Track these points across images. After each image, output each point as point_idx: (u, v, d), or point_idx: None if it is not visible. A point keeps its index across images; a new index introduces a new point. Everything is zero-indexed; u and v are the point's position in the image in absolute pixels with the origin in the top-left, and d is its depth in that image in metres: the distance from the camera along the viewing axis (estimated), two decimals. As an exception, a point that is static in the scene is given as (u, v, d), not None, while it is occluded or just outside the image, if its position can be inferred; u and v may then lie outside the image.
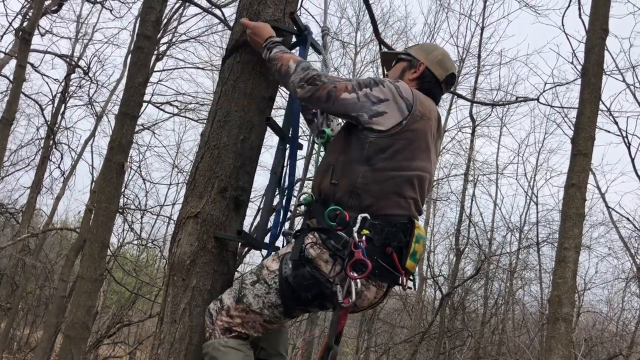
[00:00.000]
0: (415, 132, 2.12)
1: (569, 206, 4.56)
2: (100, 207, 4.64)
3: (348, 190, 2.07)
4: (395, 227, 2.06)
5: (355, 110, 2.08)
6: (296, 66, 2.15)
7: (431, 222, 15.34)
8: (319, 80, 2.09)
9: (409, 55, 2.40)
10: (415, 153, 2.13)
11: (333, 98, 2.07)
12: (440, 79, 2.36)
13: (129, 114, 4.82)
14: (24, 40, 6.57)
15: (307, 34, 2.54)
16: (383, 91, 2.09)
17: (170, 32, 12.89)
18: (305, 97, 2.12)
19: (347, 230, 2.00)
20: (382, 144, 2.07)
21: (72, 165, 12.22)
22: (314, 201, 2.20)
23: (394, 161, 2.08)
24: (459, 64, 14.52)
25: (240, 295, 2.11)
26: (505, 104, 13.59)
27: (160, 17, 5.52)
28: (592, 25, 4.96)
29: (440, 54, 2.38)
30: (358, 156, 2.09)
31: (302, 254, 2.04)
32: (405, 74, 2.36)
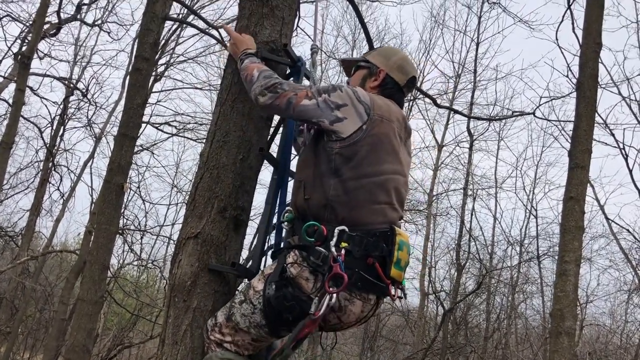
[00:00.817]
0: (378, 136, 2.11)
1: (568, 219, 4.56)
2: (100, 229, 4.64)
3: (322, 204, 2.06)
4: (375, 236, 2.03)
5: (316, 117, 2.09)
6: (259, 74, 2.17)
7: (431, 238, 15.32)
8: (279, 88, 2.11)
9: (367, 62, 2.39)
10: (382, 157, 2.11)
11: (293, 105, 2.09)
12: (402, 84, 2.36)
13: (128, 135, 4.84)
14: (23, 64, 6.63)
15: (300, 65, 2.57)
16: (341, 96, 2.10)
17: (168, 53, 13.01)
18: (265, 105, 2.13)
19: (325, 244, 1.98)
20: (347, 153, 2.07)
21: (71, 187, 12.24)
22: (295, 218, 2.20)
23: (361, 168, 2.07)
24: (454, 79, 14.63)
25: (229, 314, 2.12)
26: (502, 119, 13.66)
27: (158, 38, 5.57)
28: (585, 40, 5.00)
29: (399, 59, 2.37)
30: (326, 169, 2.09)
31: (284, 274, 2.02)
32: (366, 82, 2.36)
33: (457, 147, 15.13)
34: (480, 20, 14.40)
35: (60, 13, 9.36)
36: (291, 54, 2.55)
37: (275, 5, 2.56)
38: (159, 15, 5.23)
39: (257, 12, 2.54)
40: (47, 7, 7.47)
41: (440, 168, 14.99)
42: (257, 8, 2.55)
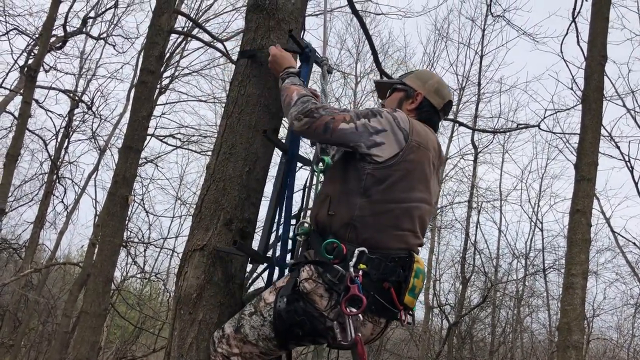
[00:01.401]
0: (413, 162, 2.10)
1: (574, 232, 4.53)
2: (104, 241, 4.64)
3: (345, 222, 2.05)
4: (394, 261, 2.03)
5: (354, 141, 2.07)
6: (297, 99, 2.14)
7: (436, 250, 15.25)
8: (316, 113, 2.08)
9: (404, 84, 2.38)
10: (413, 184, 2.11)
11: (331, 130, 2.06)
12: (438, 108, 2.35)
13: (132, 148, 4.85)
14: (29, 77, 6.67)
15: (309, 51, 2.56)
16: (381, 122, 2.09)
17: (173, 66, 13.06)
18: (302, 130, 2.10)
19: (343, 263, 1.97)
20: (380, 175, 2.06)
21: (75, 199, 12.23)
22: (312, 231, 2.18)
23: (391, 193, 2.06)
24: (459, 92, 14.65)
25: (238, 325, 2.10)
26: (507, 131, 13.64)
27: (163, 51, 5.61)
28: (590, 52, 5.01)
29: (436, 82, 2.37)
30: (355, 188, 2.07)
31: (297, 288, 2.01)
32: (403, 105, 2.34)
33: (461, 159, 15.11)
34: (484, 33, 14.42)
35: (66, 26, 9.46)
36: (299, 42, 2.54)
37: (281, 19, 2.57)
38: (165, 29, 5.26)
39: (263, 25, 2.55)
40: (53, 21, 7.53)
41: (444, 180, 14.96)
42: (264, 21, 2.56)
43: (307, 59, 2.57)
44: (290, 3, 2.61)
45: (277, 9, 2.57)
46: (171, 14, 5.50)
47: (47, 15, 7.47)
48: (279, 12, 2.57)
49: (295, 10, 2.64)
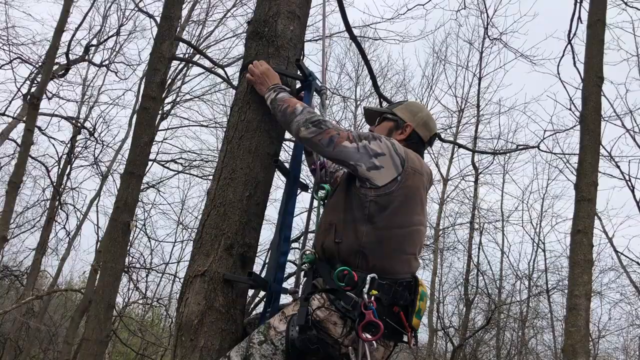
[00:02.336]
0: (411, 188, 2.17)
1: (576, 253, 4.52)
2: (106, 267, 4.64)
3: (353, 249, 2.09)
4: (402, 285, 2.09)
5: (354, 160, 2.12)
6: (303, 109, 2.22)
7: (439, 272, 15.18)
8: (323, 125, 2.15)
9: (394, 115, 2.46)
10: (412, 208, 2.18)
11: (334, 144, 2.12)
12: (425, 140, 2.44)
13: (134, 173, 4.88)
14: (32, 105, 6.74)
15: (312, 79, 2.62)
16: (380, 146, 2.15)
17: (175, 92, 13.19)
18: (307, 138, 2.16)
19: (356, 290, 2.01)
20: (382, 202, 2.11)
21: (77, 225, 12.25)
22: (318, 259, 2.20)
23: (394, 218, 2.12)
24: (458, 113, 14.74)
25: (247, 354, 2.09)
26: (506, 152, 13.69)
27: (165, 78, 5.67)
28: (587, 74, 5.06)
29: (425, 116, 2.46)
30: (360, 215, 2.12)
31: (309, 316, 2.02)
32: (393, 134, 2.42)
33: (462, 180, 15.14)
34: (481, 56, 14.57)
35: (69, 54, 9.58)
36: (304, 69, 2.59)
37: (280, 45, 2.61)
38: (166, 56, 5.33)
39: (263, 52, 2.59)
40: (56, 49, 7.62)
41: (446, 202, 14.97)
42: (263, 48, 2.60)
43: (309, 87, 2.62)
44: (289, 30, 2.66)
45: (276, 36, 2.61)
46: (172, 41, 5.58)
47: (50, 43, 7.57)
48: (278, 39, 2.61)
49: (294, 37, 2.68)
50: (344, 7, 3.08)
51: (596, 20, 5.13)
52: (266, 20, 2.63)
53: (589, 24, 5.22)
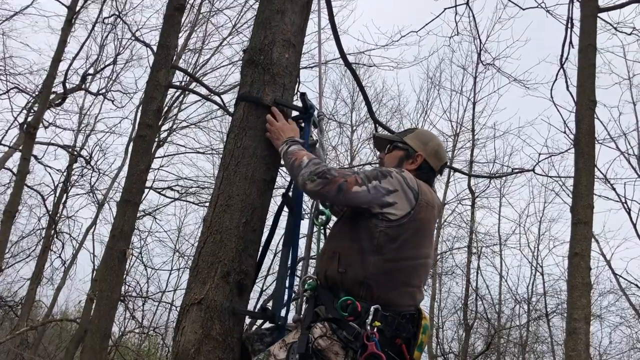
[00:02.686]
0: (422, 220, 2.16)
1: (574, 276, 4.51)
2: (102, 296, 4.60)
3: (358, 280, 2.07)
4: (405, 318, 2.08)
5: (367, 203, 2.11)
6: (308, 161, 2.19)
7: (437, 298, 15.08)
8: (329, 174, 2.12)
9: (405, 144, 2.43)
10: (422, 241, 2.17)
11: (344, 192, 2.10)
12: (436, 169, 2.42)
13: (130, 201, 4.87)
14: (28, 134, 6.76)
15: (312, 111, 2.64)
16: (392, 182, 2.14)
17: (171, 119, 13.24)
18: (314, 191, 2.14)
19: (359, 321, 2.00)
20: (393, 233, 2.10)
21: (73, 254, 12.18)
22: (320, 287, 2.19)
23: (403, 251, 2.11)
24: (453, 138, 14.82)
25: None
26: (502, 176, 13.74)
27: (161, 105, 5.70)
28: (580, 97, 5.11)
29: (436, 145, 2.44)
30: (368, 245, 2.10)
31: (310, 345, 2.00)
32: (404, 164, 2.39)
33: (459, 204, 15.13)
34: (475, 81, 14.72)
35: (66, 83, 9.64)
36: (306, 102, 2.62)
37: (276, 73, 2.63)
38: (162, 84, 5.37)
39: (258, 80, 2.61)
40: (53, 79, 7.68)
41: (443, 226, 14.94)
42: (259, 76, 2.62)
43: (309, 119, 2.64)
44: (284, 58, 2.68)
45: (272, 64, 2.64)
46: (169, 69, 5.63)
47: (47, 73, 7.63)
48: (274, 67, 2.64)
49: (289, 64, 2.71)
50: (339, 35, 3.11)
51: (587, 45, 5.21)
52: (262, 49, 2.66)
53: (580, 48, 5.30)
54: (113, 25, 11.84)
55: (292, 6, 2.78)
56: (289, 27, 2.74)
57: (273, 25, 2.71)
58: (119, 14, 9.81)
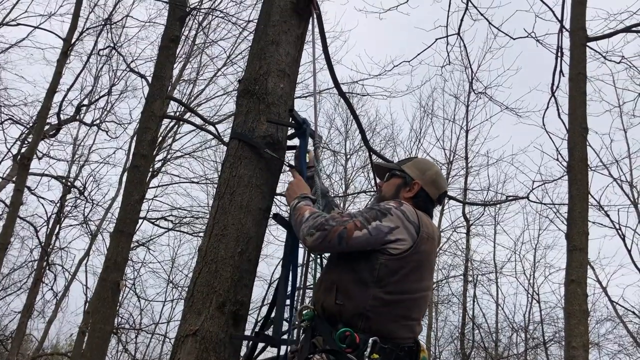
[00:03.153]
0: (423, 253, 2.15)
1: (571, 303, 4.49)
2: (95, 329, 4.53)
3: (357, 312, 2.05)
4: (404, 350, 2.06)
5: (370, 245, 2.09)
6: (309, 216, 2.17)
7: (434, 327, 14.94)
8: (327, 225, 2.10)
9: (403, 172, 2.43)
10: (422, 273, 2.16)
11: (345, 239, 2.07)
12: (434, 198, 2.41)
13: (124, 232, 4.85)
14: (22, 165, 6.74)
15: (306, 127, 2.66)
16: (392, 219, 2.12)
17: (165, 149, 13.25)
18: (315, 245, 2.11)
19: (357, 353, 1.97)
20: (394, 266, 2.08)
21: (65, 286, 12.04)
22: (317, 317, 2.16)
23: (404, 284, 2.10)
24: (447, 166, 14.89)
25: None
26: (496, 203, 13.75)
27: (156, 136, 5.72)
28: (571, 125, 5.17)
29: (434, 174, 2.43)
30: (368, 277, 2.08)
31: None
32: (401, 192, 2.39)
33: (454, 232, 15.10)
34: (468, 109, 14.85)
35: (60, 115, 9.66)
36: (297, 118, 2.64)
37: (271, 102, 2.65)
38: (157, 114, 5.40)
39: (254, 109, 2.63)
40: (48, 110, 7.70)
41: (439, 254, 14.89)
42: (254, 105, 2.64)
43: (304, 134, 2.67)
44: (279, 88, 2.71)
45: (267, 94, 2.66)
46: (164, 99, 5.66)
47: (42, 104, 7.65)
48: (269, 97, 2.66)
49: (284, 94, 2.73)
50: (332, 65, 3.15)
51: (577, 74, 5.29)
52: (257, 79, 2.69)
53: (571, 77, 5.38)
54: (108, 57, 11.94)
55: (287, 37, 2.82)
56: (283, 57, 2.77)
57: (268, 55, 2.74)
58: (114, 45, 9.88)
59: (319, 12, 2.97)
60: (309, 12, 2.95)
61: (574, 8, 5.66)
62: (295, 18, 2.88)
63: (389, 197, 2.35)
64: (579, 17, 5.58)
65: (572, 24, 5.63)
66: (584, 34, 5.52)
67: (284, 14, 2.85)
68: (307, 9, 2.92)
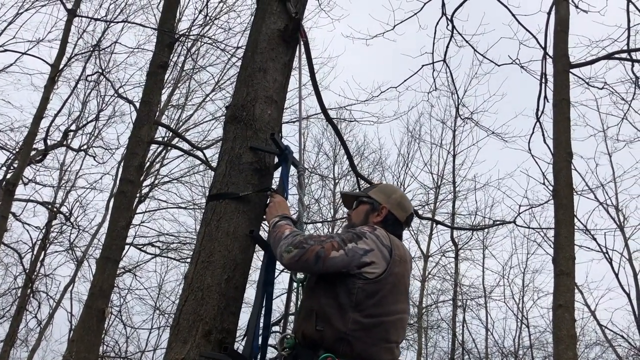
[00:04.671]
0: (397, 275, 2.19)
1: (559, 328, 4.49)
2: (79, 357, 4.45)
3: (338, 337, 2.06)
4: None
5: (345, 266, 2.11)
6: (289, 234, 2.20)
7: (424, 353, 14.81)
8: (305, 244, 2.12)
9: (370, 198, 2.49)
10: (398, 296, 2.19)
11: (322, 258, 2.09)
12: (402, 220, 2.46)
13: (110, 258, 4.79)
14: (7, 191, 6.67)
15: (288, 153, 2.67)
16: (367, 242, 2.16)
17: (153, 175, 13.20)
18: (292, 262, 2.12)
19: None
20: (370, 290, 2.11)
21: (49, 314, 11.83)
22: (298, 344, 2.17)
23: (381, 307, 2.12)
24: (435, 190, 14.95)
25: None
26: (484, 228, 13.80)
27: (143, 161, 5.70)
28: (557, 149, 5.23)
29: (399, 197, 2.50)
30: (346, 302, 2.09)
31: None
32: (370, 217, 2.44)
33: (442, 257, 15.10)
34: (454, 134, 15.00)
35: (47, 140, 9.61)
36: (279, 143, 2.64)
37: (258, 129, 2.66)
38: (145, 140, 5.39)
39: (241, 135, 2.64)
40: (34, 136, 7.67)
41: (428, 279, 14.86)
42: (241, 131, 2.65)
43: (286, 159, 2.68)
44: (266, 114, 2.72)
45: (254, 120, 2.68)
46: (151, 125, 5.66)
47: (28, 130, 7.62)
48: (256, 123, 2.68)
49: (271, 120, 2.74)
50: (320, 91, 3.18)
51: (561, 99, 5.37)
52: (244, 105, 2.71)
53: (555, 103, 5.46)
54: (96, 83, 11.96)
55: (274, 64, 2.85)
56: (271, 84, 2.79)
57: (255, 82, 2.76)
58: (103, 71, 9.91)
59: (307, 39, 3.01)
60: (297, 39, 2.99)
61: (557, 35, 5.78)
62: (282, 46, 2.91)
63: (359, 224, 2.39)
64: (562, 44, 5.69)
65: (555, 51, 5.74)
66: (567, 60, 5.62)
67: (271, 42, 2.88)
68: (294, 37, 2.96)
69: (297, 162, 2.73)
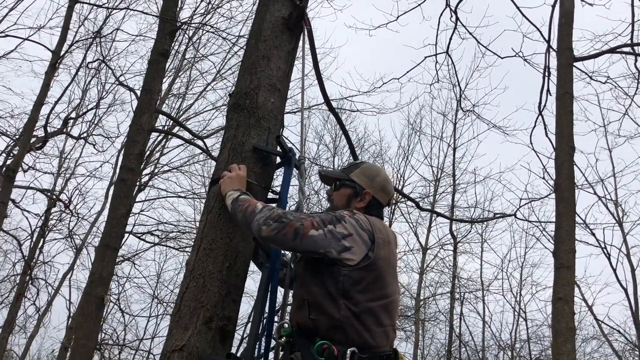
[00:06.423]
0: (383, 259, 2.17)
1: (558, 321, 4.49)
2: (78, 344, 4.46)
3: (332, 324, 2.07)
4: (382, 359, 2.08)
5: (324, 247, 2.09)
6: (262, 207, 2.16)
7: (420, 345, 14.87)
8: (284, 218, 2.09)
9: (352, 181, 2.43)
10: (386, 279, 2.18)
11: (301, 235, 2.07)
12: (384, 204, 2.44)
13: (110, 246, 4.79)
14: (7, 178, 6.66)
15: (292, 155, 2.65)
16: (346, 227, 2.14)
17: (153, 163, 13.18)
18: (270, 236, 2.08)
19: None
20: (356, 276, 2.10)
21: (48, 301, 11.86)
22: (295, 333, 2.17)
23: (369, 292, 2.11)
24: (434, 183, 14.94)
25: None
26: (484, 221, 13.81)
27: (144, 150, 5.69)
28: (559, 143, 5.21)
29: (383, 180, 2.44)
30: (334, 290, 2.09)
31: None
32: (352, 202, 2.40)
33: (441, 249, 15.12)
34: (455, 127, 14.97)
35: (47, 127, 9.58)
36: (283, 145, 2.62)
37: (261, 116, 2.65)
38: (145, 128, 5.38)
39: (244, 123, 2.62)
40: (35, 123, 7.65)
41: (426, 271, 14.89)
42: (244, 119, 2.63)
43: (289, 162, 2.65)
44: (269, 102, 2.71)
45: (257, 108, 2.66)
46: (152, 113, 5.64)
47: (28, 117, 7.59)
48: (259, 111, 2.66)
49: (274, 108, 2.73)
50: (323, 81, 3.15)
51: (564, 93, 5.35)
52: (247, 93, 2.69)
53: (558, 96, 5.44)
54: (97, 70, 11.91)
55: (278, 52, 2.83)
56: (274, 72, 2.78)
57: (259, 70, 2.74)
58: (104, 58, 9.84)
59: (310, 27, 2.99)
60: (300, 27, 2.96)
61: (561, 28, 5.75)
62: (286, 33, 2.89)
63: (340, 208, 2.36)
64: (566, 37, 5.66)
65: (559, 44, 5.71)
66: (570, 54, 5.59)
67: (275, 29, 2.86)
68: (298, 25, 2.93)
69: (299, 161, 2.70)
